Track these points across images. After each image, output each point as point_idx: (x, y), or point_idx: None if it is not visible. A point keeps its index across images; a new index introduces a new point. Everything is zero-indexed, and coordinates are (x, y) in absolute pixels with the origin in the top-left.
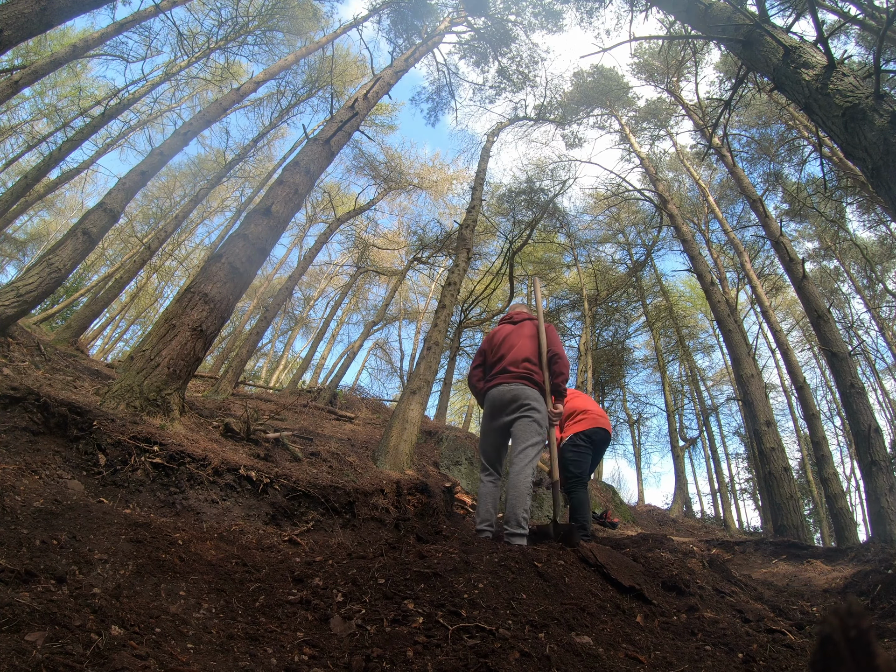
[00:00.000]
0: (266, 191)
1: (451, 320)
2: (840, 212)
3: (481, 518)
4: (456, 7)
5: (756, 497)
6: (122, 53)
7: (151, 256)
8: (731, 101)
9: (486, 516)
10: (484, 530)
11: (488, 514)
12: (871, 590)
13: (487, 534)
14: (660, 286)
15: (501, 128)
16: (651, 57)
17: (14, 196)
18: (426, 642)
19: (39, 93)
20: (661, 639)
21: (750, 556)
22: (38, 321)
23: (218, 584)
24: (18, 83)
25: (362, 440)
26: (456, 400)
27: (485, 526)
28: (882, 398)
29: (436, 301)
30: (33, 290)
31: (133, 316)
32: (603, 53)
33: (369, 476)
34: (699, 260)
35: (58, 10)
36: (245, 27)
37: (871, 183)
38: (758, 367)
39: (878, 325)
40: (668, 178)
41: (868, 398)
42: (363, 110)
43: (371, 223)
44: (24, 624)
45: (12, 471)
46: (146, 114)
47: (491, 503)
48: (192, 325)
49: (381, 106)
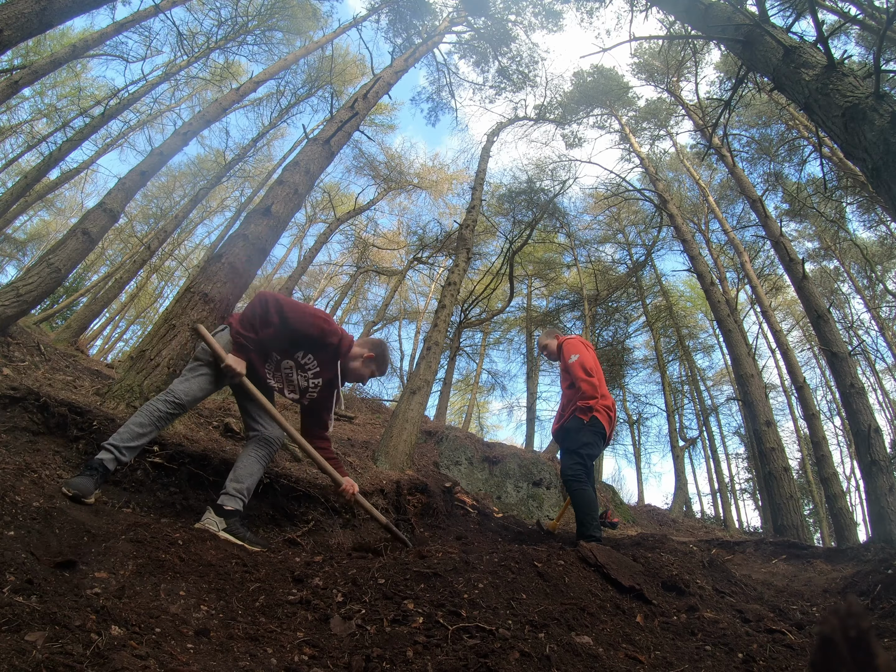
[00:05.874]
0: (266, 191)
1: (451, 320)
2: (840, 212)
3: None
4: (456, 7)
5: (756, 497)
6: (121, 53)
7: (151, 256)
8: (731, 101)
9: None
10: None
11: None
12: (871, 590)
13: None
14: (660, 286)
15: (501, 128)
16: (651, 57)
17: (14, 196)
18: (426, 642)
19: (39, 93)
20: (661, 639)
21: (750, 556)
22: (38, 321)
23: (218, 584)
24: (18, 83)
25: (362, 440)
26: (456, 400)
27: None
28: (882, 398)
29: (436, 301)
30: (33, 290)
31: (133, 316)
32: (603, 53)
33: (369, 476)
34: (699, 260)
35: (58, 11)
36: (244, 27)
37: (871, 183)
38: (758, 367)
39: (878, 325)
40: (668, 178)
41: (868, 398)
42: (363, 110)
43: (371, 223)
44: (24, 624)
45: (12, 471)
46: (146, 114)
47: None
48: (192, 326)
49: (381, 106)
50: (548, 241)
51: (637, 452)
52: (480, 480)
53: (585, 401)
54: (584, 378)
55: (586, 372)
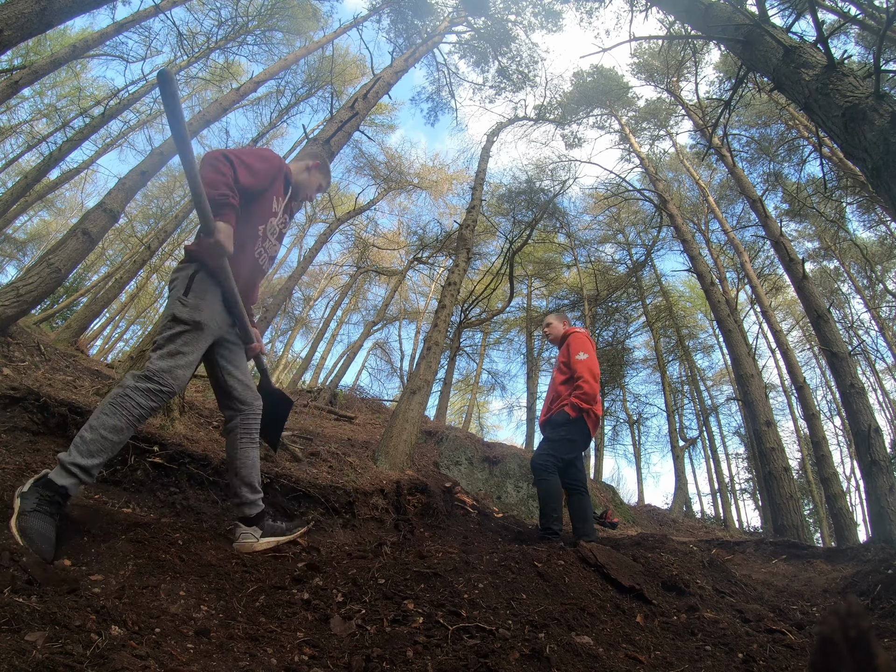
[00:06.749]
0: None
1: (451, 320)
2: (840, 212)
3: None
4: (456, 7)
5: (756, 497)
6: (121, 53)
7: (151, 256)
8: (730, 101)
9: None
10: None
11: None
12: (871, 590)
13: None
14: (660, 286)
15: (501, 128)
16: (651, 57)
17: (14, 196)
18: (426, 642)
19: (39, 93)
20: (661, 639)
21: (750, 556)
22: (38, 321)
23: (218, 584)
24: (18, 83)
25: (362, 440)
26: (456, 400)
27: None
28: (882, 398)
29: (436, 301)
30: (33, 290)
31: (133, 316)
32: (603, 53)
33: (369, 476)
34: (699, 260)
35: (58, 10)
36: (245, 27)
37: (871, 183)
38: (758, 367)
39: (878, 325)
40: (667, 178)
41: (868, 398)
42: (363, 110)
43: (371, 223)
44: (24, 624)
45: (12, 471)
46: (146, 114)
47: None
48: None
49: (381, 106)
50: (548, 241)
51: (637, 452)
52: (480, 480)
53: (582, 402)
54: (589, 381)
55: (594, 377)
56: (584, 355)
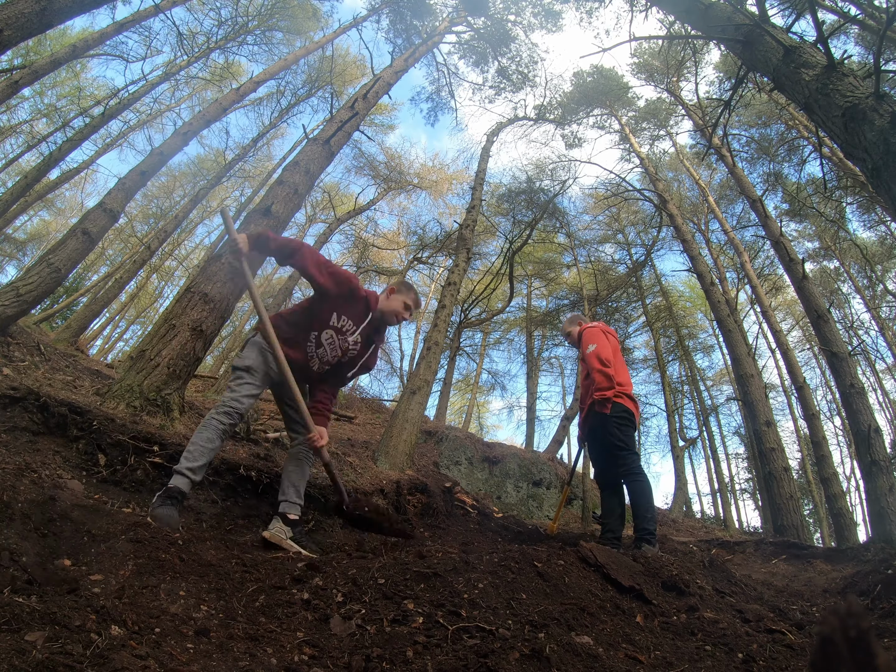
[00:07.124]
0: (266, 191)
1: (451, 320)
2: (840, 212)
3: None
4: (455, 7)
5: (756, 497)
6: (121, 53)
7: (151, 256)
8: (730, 101)
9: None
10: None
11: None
12: (871, 590)
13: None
14: (659, 286)
15: (501, 128)
16: (651, 57)
17: (14, 196)
18: (426, 642)
19: (39, 93)
20: (661, 639)
21: (750, 556)
22: (38, 321)
23: (218, 584)
24: (18, 83)
25: (362, 440)
26: (456, 400)
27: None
28: (882, 398)
29: (436, 301)
30: (33, 290)
31: (133, 316)
32: (603, 53)
33: (369, 476)
34: (699, 260)
35: (58, 10)
36: (245, 27)
37: (871, 183)
38: (758, 367)
39: (878, 325)
40: (667, 178)
41: (868, 398)
42: (363, 110)
43: (371, 223)
44: (24, 624)
45: (12, 471)
46: (146, 114)
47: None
48: (192, 325)
49: (381, 106)
50: (548, 241)
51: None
52: (480, 480)
53: (601, 392)
54: (598, 368)
55: (602, 362)
56: (592, 346)
